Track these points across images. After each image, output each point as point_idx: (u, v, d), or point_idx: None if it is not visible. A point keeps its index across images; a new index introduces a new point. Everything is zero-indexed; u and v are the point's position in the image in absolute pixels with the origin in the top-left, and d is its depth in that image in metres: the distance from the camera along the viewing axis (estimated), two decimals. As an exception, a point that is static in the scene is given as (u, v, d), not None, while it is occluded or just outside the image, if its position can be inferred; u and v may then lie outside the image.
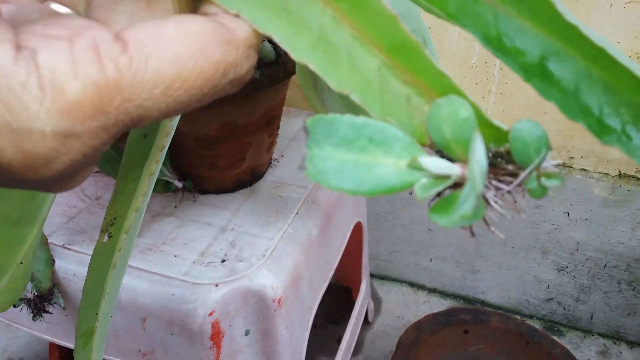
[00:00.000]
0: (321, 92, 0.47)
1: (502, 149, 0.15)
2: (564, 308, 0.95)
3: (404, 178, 0.14)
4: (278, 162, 0.68)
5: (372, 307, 1.00)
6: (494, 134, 0.15)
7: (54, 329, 0.54)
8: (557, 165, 0.84)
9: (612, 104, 0.15)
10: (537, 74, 0.16)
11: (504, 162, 0.15)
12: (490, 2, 0.17)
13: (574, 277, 0.91)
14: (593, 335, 0.96)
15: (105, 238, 0.34)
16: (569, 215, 0.84)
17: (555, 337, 0.96)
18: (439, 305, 1.02)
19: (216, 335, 0.48)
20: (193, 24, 0.14)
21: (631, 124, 0.15)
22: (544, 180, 0.15)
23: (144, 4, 0.16)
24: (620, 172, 0.78)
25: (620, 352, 0.94)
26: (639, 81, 0.14)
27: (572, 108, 0.16)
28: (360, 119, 0.14)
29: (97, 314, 0.32)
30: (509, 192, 0.15)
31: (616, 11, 0.67)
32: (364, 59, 0.15)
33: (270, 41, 0.49)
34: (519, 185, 0.15)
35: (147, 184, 0.31)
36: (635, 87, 0.15)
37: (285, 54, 0.50)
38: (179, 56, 0.14)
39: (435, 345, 0.78)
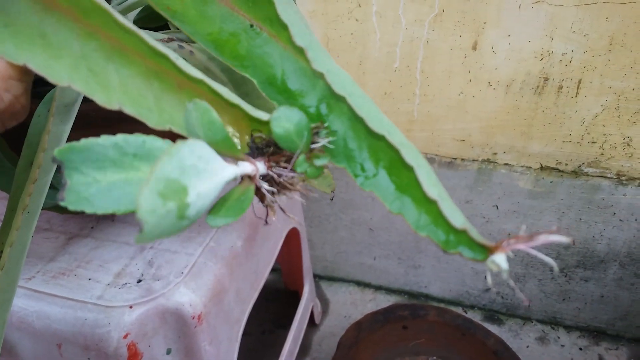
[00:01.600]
0: (245, 97, 0.47)
1: (272, 138, 0.15)
2: (502, 297, 0.99)
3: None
4: (205, 174, 0.68)
5: (318, 308, 1.01)
6: (261, 125, 0.15)
7: (-30, 362, 0.52)
8: (483, 161, 0.86)
9: (370, 151, 0.16)
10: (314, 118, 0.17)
11: (275, 148, 0.15)
12: (279, 41, 0.18)
13: (509, 267, 0.94)
14: (532, 322, 1.00)
15: (-6, 271, 0.34)
16: (497, 208, 0.87)
17: (495, 326, 0.99)
18: (385, 301, 1.04)
19: (134, 356, 0.47)
20: None
21: (384, 168, 0.16)
22: (316, 161, 0.15)
23: None
24: (541, 164, 0.81)
25: (559, 337, 0.98)
26: (373, 134, 0.15)
27: (339, 154, 0.17)
28: (119, 137, 0.14)
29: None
30: (292, 177, 0.15)
31: (525, 11, 0.69)
32: (132, 70, 0.15)
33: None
34: (291, 169, 0.15)
35: (22, 219, 0.31)
36: (372, 141, 0.15)
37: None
38: None
39: (375, 343, 0.80)
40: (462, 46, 0.74)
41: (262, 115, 0.15)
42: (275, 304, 1.05)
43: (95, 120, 0.46)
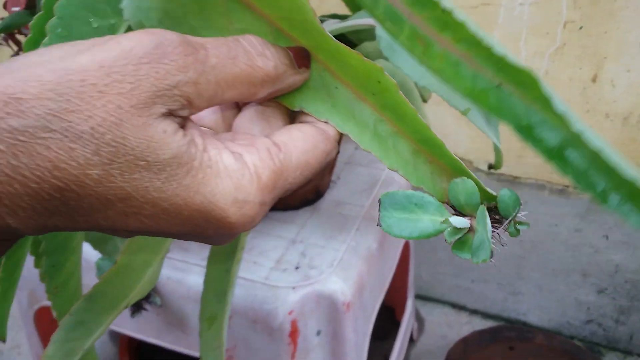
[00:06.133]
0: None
1: (492, 205, 0.22)
2: (604, 329, 0.98)
3: (436, 228, 0.22)
4: (335, 183, 0.74)
5: (415, 326, 1.04)
6: (487, 196, 0.22)
7: (145, 328, 0.60)
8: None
9: (612, 184, 0.21)
10: (555, 157, 0.23)
11: (493, 213, 0.22)
12: (523, 100, 0.24)
13: (614, 299, 0.94)
14: (632, 356, 0.98)
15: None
16: (607, 238, 0.88)
17: (596, 359, 0.98)
18: (481, 325, 1.05)
19: (294, 333, 0.53)
20: (307, 129, 0.22)
21: (626, 200, 0.20)
22: (518, 226, 0.22)
23: (266, 123, 0.23)
24: (657, 196, 0.82)
25: (663, 376, 0.95)
26: (619, 176, 0.20)
27: (583, 183, 0.22)
28: (408, 193, 0.22)
29: (219, 302, 0.38)
30: (496, 232, 0.22)
31: None
32: (403, 147, 0.22)
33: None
34: (503, 228, 0.22)
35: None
36: (616, 179, 0.21)
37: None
38: (306, 150, 0.21)
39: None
40: (582, 78, 0.78)
41: (492, 192, 0.22)
42: (372, 319, 1.08)
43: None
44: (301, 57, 0.21)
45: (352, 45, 0.55)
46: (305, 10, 0.20)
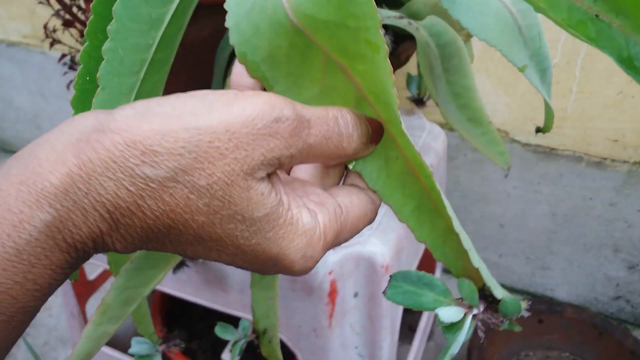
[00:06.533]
0: (436, 78, 0.53)
1: (497, 298, 0.24)
2: (632, 306, 0.97)
3: (434, 305, 0.24)
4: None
5: (440, 298, 1.04)
6: (491, 295, 0.24)
7: (185, 286, 0.61)
8: (634, 163, 0.86)
9: None
10: None
11: (495, 303, 0.24)
12: (623, 30, 0.23)
13: (646, 276, 0.93)
14: (663, 336, 0.97)
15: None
16: (644, 213, 0.86)
17: (624, 336, 0.97)
18: (506, 300, 1.05)
19: (332, 293, 0.53)
20: (362, 196, 0.24)
21: None
22: (512, 326, 0.25)
23: (326, 174, 0.26)
24: (699, 171, 0.80)
25: (691, 354, 0.95)
26: None
27: None
28: (421, 273, 0.24)
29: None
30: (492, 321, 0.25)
31: None
32: (441, 224, 0.24)
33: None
34: (500, 320, 0.25)
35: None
36: None
37: (398, 48, 0.56)
38: (359, 216, 0.24)
39: (509, 332, 0.82)
40: None
41: (497, 295, 0.24)
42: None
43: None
44: (376, 134, 0.23)
45: (400, 4, 0.54)
46: (391, 96, 0.22)
